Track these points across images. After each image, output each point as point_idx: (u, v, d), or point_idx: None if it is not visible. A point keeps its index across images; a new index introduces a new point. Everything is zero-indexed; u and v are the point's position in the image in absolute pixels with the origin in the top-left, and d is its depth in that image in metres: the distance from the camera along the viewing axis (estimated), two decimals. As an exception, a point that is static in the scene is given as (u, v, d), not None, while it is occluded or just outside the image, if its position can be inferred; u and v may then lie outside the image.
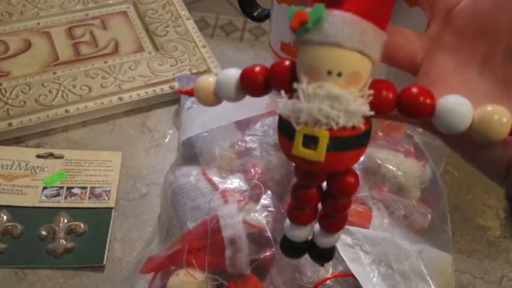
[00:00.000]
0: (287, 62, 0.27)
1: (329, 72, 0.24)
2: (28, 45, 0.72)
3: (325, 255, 0.32)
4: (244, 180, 0.49)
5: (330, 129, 0.24)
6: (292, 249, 0.32)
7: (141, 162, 0.62)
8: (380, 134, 0.52)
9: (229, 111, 0.55)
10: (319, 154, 0.25)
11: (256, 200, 0.47)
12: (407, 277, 0.43)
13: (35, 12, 0.77)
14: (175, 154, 0.59)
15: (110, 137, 0.64)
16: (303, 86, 0.25)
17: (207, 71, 0.70)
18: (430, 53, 0.28)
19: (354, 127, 0.24)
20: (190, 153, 0.54)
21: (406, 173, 0.49)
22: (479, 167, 0.28)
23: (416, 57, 0.29)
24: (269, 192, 0.48)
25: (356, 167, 0.50)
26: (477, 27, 0.27)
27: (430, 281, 0.43)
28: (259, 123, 0.53)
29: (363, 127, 0.25)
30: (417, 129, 0.53)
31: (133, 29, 0.76)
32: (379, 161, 0.50)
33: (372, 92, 0.25)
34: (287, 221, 0.31)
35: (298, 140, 0.25)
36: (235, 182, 0.49)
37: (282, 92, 0.26)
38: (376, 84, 0.25)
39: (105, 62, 0.70)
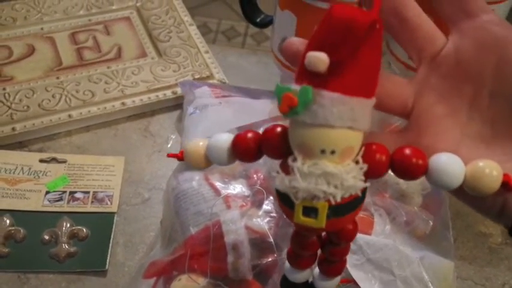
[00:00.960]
0: (278, 129, 0.27)
1: (322, 151, 0.25)
2: (32, 50, 0.72)
3: None
4: (247, 186, 0.49)
5: (329, 201, 0.25)
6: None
7: (143, 167, 0.62)
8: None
9: (231, 117, 0.55)
10: (320, 222, 0.25)
11: (259, 205, 0.48)
12: (409, 283, 0.43)
13: (39, 18, 0.77)
14: (177, 160, 0.59)
15: (112, 142, 0.64)
16: (298, 165, 0.25)
17: (210, 77, 0.70)
18: (420, 98, 0.29)
19: (351, 194, 0.25)
20: (192, 159, 0.54)
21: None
22: (475, 208, 0.29)
23: (407, 103, 0.29)
24: (271, 197, 0.48)
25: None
26: (462, 71, 0.27)
27: (432, 288, 0.43)
28: (261, 129, 0.53)
29: (360, 193, 0.25)
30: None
31: (137, 35, 0.76)
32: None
33: (365, 166, 0.25)
34: (287, 264, 0.32)
35: (298, 211, 0.25)
36: (237, 188, 0.49)
37: (278, 169, 0.27)
38: (368, 150, 0.26)
39: (108, 67, 0.71)
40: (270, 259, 0.44)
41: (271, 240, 0.45)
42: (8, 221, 0.55)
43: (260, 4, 0.70)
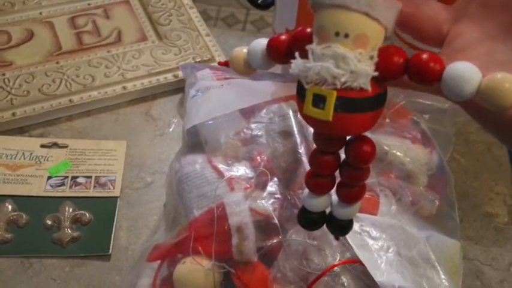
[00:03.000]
0: (308, 30, 0.27)
1: (337, 34, 0.25)
2: (31, 35, 0.72)
3: (343, 227, 0.32)
4: (250, 168, 0.49)
5: (338, 90, 0.25)
6: (309, 220, 0.32)
7: (145, 151, 0.61)
8: (387, 120, 0.52)
9: (233, 98, 0.55)
10: (327, 113, 0.25)
11: (263, 187, 0.47)
12: (416, 263, 0.43)
13: (37, 2, 0.76)
14: (179, 143, 0.59)
15: (114, 126, 0.64)
16: (313, 46, 0.26)
17: (211, 60, 0.69)
18: (456, 24, 0.29)
19: (361, 89, 0.25)
20: (195, 142, 0.53)
21: (413, 160, 0.49)
22: (496, 133, 0.28)
23: (442, 28, 0.29)
24: (275, 179, 0.47)
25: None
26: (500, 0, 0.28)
27: (439, 267, 0.43)
28: (264, 110, 0.52)
29: (370, 89, 0.25)
30: (424, 115, 0.53)
31: (136, 18, 0.75)
32: (386, 148, 0.49)
33: (375, 53, 0.25)
34: (305, 191, 0.32)
35: (308, 99, 0.26)
36: (241, 170, 0.49)
37: (297, 53, 0.27)
38: (385, 49, 0.26)
39: (108, 51, 0.70)
40: (274, 241, 0.44)
41: (276, 221, 0.44)
42: (10, 207, 0.55)
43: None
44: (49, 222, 0.54)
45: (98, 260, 0.52)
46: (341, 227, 0.33)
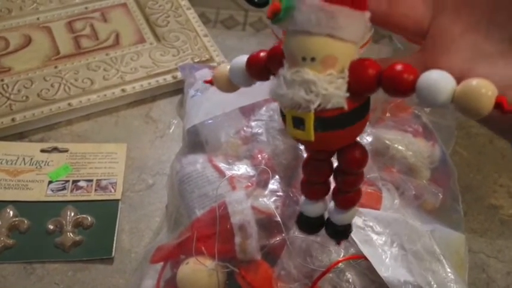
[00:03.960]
0: (282, 47, 0.27)
1: (303, 58, 0.25)
2: (28, 41, 0.71)
3: (341, 232, 0.33)
4: (251, 166, 0.49)
5: (315, 111, 0.25)
6: (308, 224, 0.33)
7: (146, 153, 0.61)
8: (387, 114, 0.52)
9: (233, 97, 0.54)
10: (308, 134, 0.26)
11: (264, 185, 0.47)
12: (421, 257, 0.42)
13: (34, 7, 0.76)
14: (180, 144, 0.59)
15: (114, 129, 0.64)
16: (284, 72, 0.26)
17: (210, 60, 0.69)
18: (437, 17, 0.28)
19: (337, 108, 0.25)
20: (195, 141, 0.53)
21: (415, 153, 0.48)
22: (496, 131, 0.28)
23: (423, 22, 0.29)
24: (277, 177, 0.47)
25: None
26: None
27: (444, 261, 0.43)
28: (264, 108, 0.52)
29: (346, 107, 0.25)
30: (425, 108, 0.53)
31: (134, 21, 0.75)
32: (387, 142, 0.49)
33: (346, 72, 0.25)
34: (302, 198, 0.32)
35: (289, 121, 0.26)
36: (242, 168, 0.48)
37: (271, 77, 0.27)
38: (356, 64, 0.25)
39: (106, 54, 0.70)
40: (278, 239, 0.44)
41: (279, 219, 0.44)
42: (11, 212, 0.54)
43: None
44: (51, 226, 0.54)
45: (101, 264, 0.52)
46: (339, 232, 0.33)
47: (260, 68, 0.29)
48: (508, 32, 0.26)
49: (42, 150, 0.60)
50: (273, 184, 0.47)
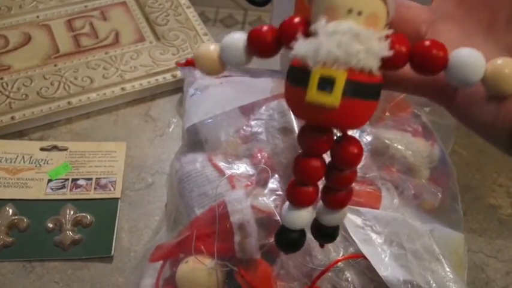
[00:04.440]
0: (297, 19, 0.26)
1: (350, 11, 0.24)
2: (28, 39, 0.71)
3: (329, 234, 0.30)
4: (251, 165, 0.48)
5: (348, 71, 0.23)
6: (288, 240, 0.29)
7: (145, 151, 0.61)
8: (387, 114, 0.52)
9: (233, 96, 0.54)
10: (334, 98, 0.23)
11: (264, 184, 0.47)
12: (420, 257, 0.42)
13: (34, 6, 0.76)
14: (179, 143, 0.59)
15: (113, 128, 0.64)
16: (322, 23, 0.24)
17: (209, 59, 0.69)
18: (434, 25, 0.28)
19: (370, 73, 0.24)
20: (195, 140, 0.53)
21: (415, 153, 0.49)
22: (484, 135, 0.27)
23: (421, 29, 0.28)
24: (276, 176, 0.47)
25: (364, 147, 0.49)
26: None
27: (443, 260, 0.43)
28: (264, 107, 0.52)
29: (378, 75, 0.24)
30: (424, 108, 0.53)
31: (134, 19, 0.75)
32: (387, 141, 0.49)
33: (383, 35, 0.24)
34: (284, 207, 0.29)
35: (314, 82, 0.24)
36: (241, 167, 0.48)
37: (299, 34, 0.25)
38: (390, 35, 0.25)
39: (106, 53, 0.70)
40: (277, 238, 0.44)
41: (278, 218, 0.44)
42: (10, 211, 0.54)
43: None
44: (50, 225, 0.54)
45: (101, 262, 0.52)
46: (327, 235, 0.31)
47: (267, 42, 0.26)
48: (505, 42, 0.26)
49: (42, 149, 0.60)
50: (273, 183, 0.47)
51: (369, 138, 0.50)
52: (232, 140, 0.51)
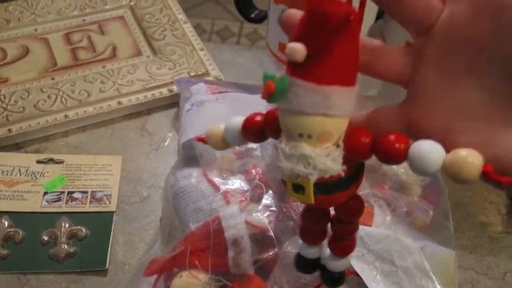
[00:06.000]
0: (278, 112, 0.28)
1: (300, 135, 0.26)
2: (26, 52, 0.72)
3: (335, 279, 0.35)
4: (246, 181, 0.49)
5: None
6: (304, 265, 0.35)
7: (141, 165, 0.62)
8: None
9: (228, 112, 0.55)
10: (308, 198, 0.27)
11: (258, 200, 0.47)
12: (411, 273, 0.43)
13: (32, 19, 0.77)
14: (175, 157, 0.59)
15: (109, 141, 0.64)
16: (282, 146, 0.27)
17: (205, 74, 0.70)
18: (416, 68, 0.28)
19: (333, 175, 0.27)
20: (190, 155, 0.54)
21: (407, 170, 0.49)
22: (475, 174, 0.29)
23: (404, 72, 0.29)
24: (270, 192, 0.48)
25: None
26: (458, 39, 0.27)
27: (434, 277, 0.43)
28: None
29: (342, 174, 0.27)
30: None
31: (131, 34, 0.76)
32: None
33: (341, 142, 0.27)
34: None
35: (289, 187, 0.28)
36: (236, 183, 0.49)
37: (270, 147, 0.30)
38: (350, 135, 0.27)
39: (103, 67, 0.70)
40: (270, 253, 0.44)
41: (272, 234, 0.45)
42: (6, 223, 0.55)
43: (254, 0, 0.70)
44: (45, 238, 0.54)
45: (95, 275, 0.52)
46: (334, 279, 0.35)
47: (256, 131, 0.30)
48: (487, 83, 0.26)
49: (38, 161, 0.61)
50: (267, 199, 0.47)
51: (362, 155, 0.50)
52: (227, 155, 0.52)
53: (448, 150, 0.26)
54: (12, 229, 0.54)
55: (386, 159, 0.26)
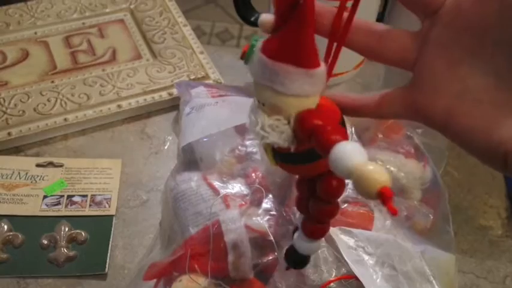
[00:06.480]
0: None
1: (258, 101, 0.29)
2: (26, 55, 0.72)
3: (300, 261, 0.36)
4: (245, 185, 0.49)
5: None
6: (299, 261, 0.36)
7: (141, 169, 0.62)
8: (380, 135, 0.52)
9: (228, 115, 0.55)
10: (271, 161, 0.31)
11: (258, 204, 0.47)
12: (411, 278, 0.43)
13: (32, 22, 0.77)
14: (175, 160, 0.59)
15: (109, 145, 0.64)
16: (249, 110, 0.30)
17: (205, 77, 0.70)
18: (422, 52, 0.29)
19: (288, 147, 0.29)
20: (190, 159, 0.54)
21: (407, 174, 0.49)
22: (478, 156, 0.28)
23: (409, 56, 0.29)
24: (270, 196, 0.48)
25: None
26: (464, 21, 0.27)
27: (434, 282, 0.43)
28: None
29: (292, 149, 0.29)
30: (417, 130, 0.54)
31: (131, 37, 0.76)
32: (380, 163, 0.49)
33: (292, 119, 0.28)
34: (299, 237, 0.34)
35: (266, 148, 0.31)
36: (236, 187, 0.49)
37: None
38: (300, 116, 0.28)
39: (103, 70, 0.70)
40: (270, 257, 0.44)
41: (272, 238, 0.44)
42: (5, 227, 0.54)
43: (254, 3, 0.70)
44: (45, 241, 0.54)
45: (94, 279, 0.52)
46: (299, 261, 0.36)
47: None
48: (492, 66, 0.26)
49: (38, 165, 0.60)
50: (267, 203, 0.47)
51: (362, 159, 0.50)
52: (227, 159, 0.52)
53: (451, 134, 0.26)
54: (11, 233, 0.54)
55: (317, 148, 0.26)
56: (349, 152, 0.24)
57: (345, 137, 0.25)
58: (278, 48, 0.27)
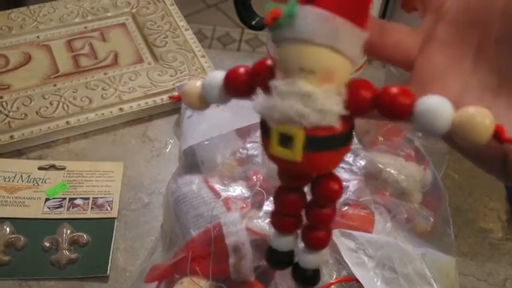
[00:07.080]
0: (268, 61, 0.26)
1: (301, 70, 0.24)
2: (28, 59, 0.72)
3: (308, 278, 0.31)
4: (247, 187, 0.49)
5: (306, 129, 0.24)
6: (276, 259, 0.31)
7: (142, 172, 0.62)
8: (380, 138, 0.53)
9: (229, 119, 0.55)
10: (295, 153, 0.24)
11: (259, 206, 0.48)
12: (412, 280, 0.43)
13: (35, 26, 0.77)
14: (176, 163, 0.59)
15: (111, 148, 0.64)
16: (276, 82, 0.24)
17: (207, 81, 0.70)
18: (424, 49, 0.28)
19: (330, 127, 0.24)
20: (191, 162, 0.54)
21: (407, 177, 0.49)
22: (477, 162, 0.28)
23: (411, 53, 0.28)
24: (271, 198, 0.48)
25: (358, 171, 0.50)
26: (468, 18, 0.27)
27: (434, 284, 0.43)
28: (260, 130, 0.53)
29: (339, 127, 0.24)
30: (417, 133, 0.54)
31: (133, 41, 0.76)
32: (380, 166, 0.50)
33: (343, 89, 0.24)
34: (272, 229, 0.30)
35: (274, 138, 0.24)
36: (237, 190, 0.49)
37: (260, 90, 0.26)
38: (353, 84, 0.25)
39: (105, 74, 0.71)
40: (271, 260, 0.44)
41: (272, 240, 0.45)
42: (8, 229, 0.55)
43: (255, 7, 0.70)
44: (47, 244, 0.54)
45: (96, 282, 0.52)
46: (306, 278, 0.31)
47: (241, 84, 0.27)
48: (495, 63, 0.26)
49: (40, 168, 0.61)
50: (268, 206, 0.47)
51: (362, 162, 0.51)
52: (229, 162, 0.52)
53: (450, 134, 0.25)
54: (13, 235, 0.54)
55: (390, 114, 0.24)
56: (438, 104, 0.22)
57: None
58: (337, 2, 0.23)
